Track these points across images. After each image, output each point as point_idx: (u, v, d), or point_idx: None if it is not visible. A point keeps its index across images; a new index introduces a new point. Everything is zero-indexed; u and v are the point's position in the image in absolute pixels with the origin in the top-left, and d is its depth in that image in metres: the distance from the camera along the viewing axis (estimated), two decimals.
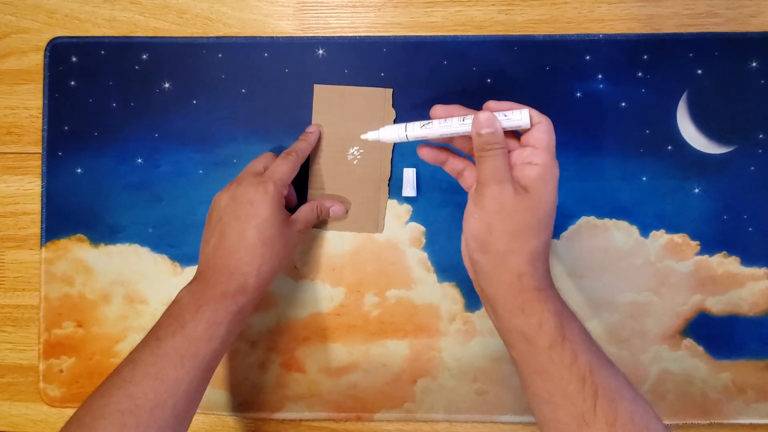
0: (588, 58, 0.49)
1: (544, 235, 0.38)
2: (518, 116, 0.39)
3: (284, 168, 0.45)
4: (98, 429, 0.36)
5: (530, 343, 0.37)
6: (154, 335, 0.40)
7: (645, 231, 0.49)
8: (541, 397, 0.36)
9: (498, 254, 0.38)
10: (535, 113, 0.39)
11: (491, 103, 0.40)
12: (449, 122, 0.41)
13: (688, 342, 0.49)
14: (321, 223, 0.50)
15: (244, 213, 0.43)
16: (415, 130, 0.42)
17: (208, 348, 0.40)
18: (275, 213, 0.44)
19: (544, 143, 0.38)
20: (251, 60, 0.50)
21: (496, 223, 0.38)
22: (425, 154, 0.43)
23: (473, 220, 0.39)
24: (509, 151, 0.39)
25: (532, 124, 0.39)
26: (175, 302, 0.41)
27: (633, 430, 0.33)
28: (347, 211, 0.50)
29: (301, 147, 0.48)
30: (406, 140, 0.42)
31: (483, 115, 0.39)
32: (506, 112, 0.39)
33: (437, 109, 0.41)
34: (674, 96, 0.49)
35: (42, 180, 0.52)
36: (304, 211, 0.47)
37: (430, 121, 0.41)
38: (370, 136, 0.43)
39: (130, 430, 0.36)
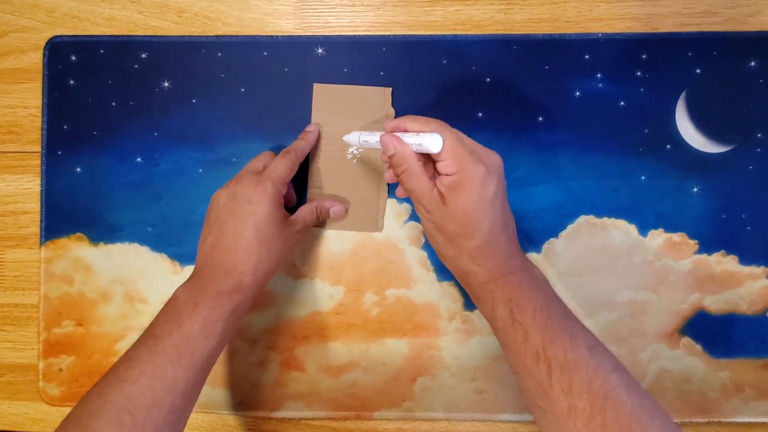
0: (587, 57, 0.49)
1: (478, 236, 0.40)
2: (428, 140, 0.39)
3: (283, 167, 0.45)
4: (95, 428, 0.36)
5: (493, 325, 0.41)
6: (150, 334, 0.40)
7: (644, 230, 0.49)
8: (513, 369, 0.41)
9: (446, 258, 0.42)
10: (445, 131, 0.39)
11: (400, 121, 0.42)
12: (376, 137, 0.43)
13: (687, 341, 0.49)
14: (321, 222, 0.50)
15: (242, 211, 0.43)
16: (364, 138, 0.44)
17: (205, 346, 0.40)
18: (273, 212, 0.44)
19: (450, 153, 0.39)
20: (251, 59, 0.50)
21: (435, 236, 0.41)
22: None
23: (424, 229, 0.44)
24: (435, 162, 0.40)
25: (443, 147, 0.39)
26: (172, 300, 0.41)
27: (590, 398, 0.35)
28: (347, 211, 0.50)
29: (300, 146, 0.48)
30: (359, 145, 0.46)
31: (384, 137, 0.41)
32: (418, 135, 0.40)
33: (387, 123, 0.42)
34: (673, 95, 0.49)
35: (41, 179, 0.52)
36: (304, 212, 0.47)
37: (377, 132, 0.43)
38: (345, 138, 0.47)
39: (126, 429, 0.36)
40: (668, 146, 0.49)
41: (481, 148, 0.41)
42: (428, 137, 0.39)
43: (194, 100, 0.51)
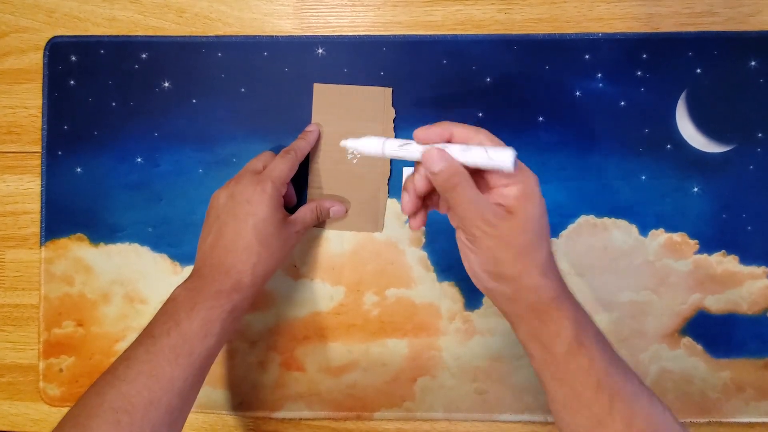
0: (587, 57, 0.49)
1: (545, 244, 0.37)
2: (500, 157, 0.35)
3: (283, 167, 0.45)
4: (92, 427, 0.36)
5: (549, 351, 0.37)
6: (148, 333, 0.40)
7: (644, 230, 0.49)
8: (561, 403, 0.37)
9: (511, 280, 0.37)
10: (492, 137, 0.37)
11: (441, 128, 0.37)
12: (412, 149, 0.38)
13: (687, 341, 0.49)
14: (321, 222, 0.50)
15: (241, 211, 0.43)
16: (393, 149, 0.39)
17: (203, 346, 0.40)
18: (273, 212, 0.44)
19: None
20: (251, 59, 0.50)
21: (498, 254, 0.37)
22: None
23: (473, 257, 0.38)
24: (481, 171, 0.37)
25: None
26: (171, 300, 0.41)
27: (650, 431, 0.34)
28: (347, 211, 0.50)
29: (300, 146, 0.48)
30: (382, 156, 0.39)
31: (432, 152, 0.36)
32: (486, 149, 0.36)
33: (418, 133, 0.38)
34: (673, 95, 0.49)
35: (42, 179, 0.52)
36: (304, 212, 0.47)
37: (409, 141, 0.38)
38: (349, 144, 0.40)
39: (124, 429, 0.36)
40: (669, 146, 0.49)
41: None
42: (500, 153, 0.35)
43: (194, 101, 0.51)
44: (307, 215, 0.48)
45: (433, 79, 0.50)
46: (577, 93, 0.49)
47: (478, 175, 0.37)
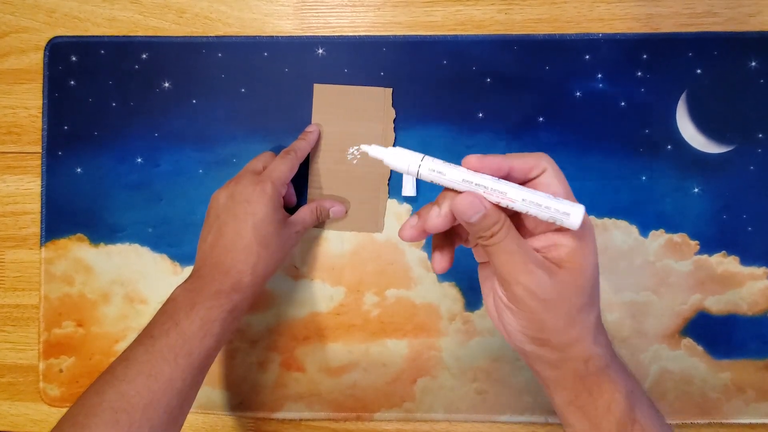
0: (587, 57, 0.49)
1: (597, 303, 0.32)
2: (569, 211, 0.29)
3: (283, 167, 0.45)
4: (91, 427, 0.36)
5: (596, 426, 0.33)
6: (148, 333, 0.40)
7: (644, 230, 0.49)
8: None
9: (557, 347, 0.32)
10: (551, 165, 0.31)
11: (500, 160, 0.31)
12: (478, 179, 0.31)
13: (688, 341, 0.49)
14: (321, 223, 0.50)
15: (241, 211, 0.43)
16: (429, 172, 0.32)
17: (202, 346, 0.40)
18: (273, 212, 0.44)
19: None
20: (251, 59, 0.50)
21: (545, 318, 0.31)
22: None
23: (511, 318, 0.33)
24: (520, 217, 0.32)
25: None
26: (170, 300, 0.41)
27: None
28: (347, 211, 0.50)
29: (300, 146, 0.48)
30: (416, 175, 0.33)
31: (464, 200, 0.30)
32: (556, 199, 0.29)
33: (471, 160, 0.31)
34: (673, 95, 0.49)
35: (42, 179, 0.52)
36: (304, 213, 0.47)
37: (447, 165, 0.32)
38: (373, 151, 0.34)
39: (123, 428, 0.36)
40: (669, 146, 0.49)
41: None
42: (569, 207, 0.29)
43: (194, 101, 0.51)
44: (307, 215, 0.48)
45: (433, 79, 0.50)
46: (577, 93, 0.49)
47: (516, 213, 0.32)
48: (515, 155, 0.31)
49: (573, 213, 0.29)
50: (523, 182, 0.32)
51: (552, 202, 0.29)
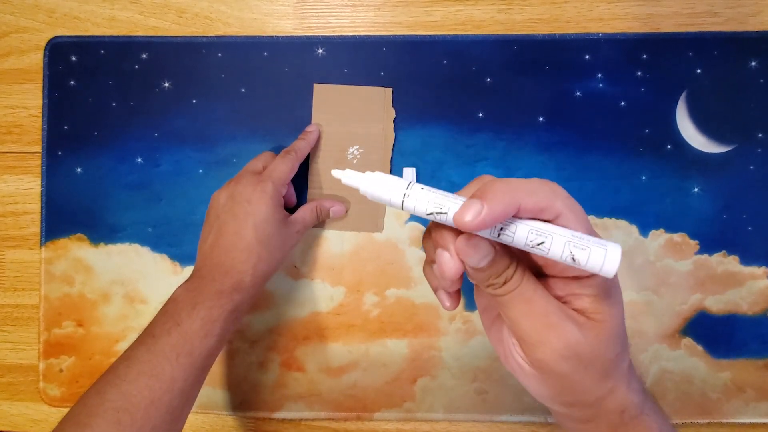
0: (587, 57, 0.49)
1: (628, 347, 0.29)
2: (601, 256, 0.23)
3: (283, 167, 0.45)
4: (93, 426, 0.36)
5: None
6: (149, 333, 0.40)
7: (644, 230, 0.49)
8: None
9: (591, 405, 0.29)
10: (566, 200, 0.25)
11: (503, 194, 0.25)
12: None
13: (688, 341, 0.49)
14: (321, 222, 0.50)
15: (241, 211, 0.43)
16: (422, 209, 0.26)
17: (204, 346, 0.40)
18: (273, 212, 0.44)
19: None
20: (251, 59, 0.50)
21: (577, 378, 0.27)
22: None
23: (536, 384, 0.29)
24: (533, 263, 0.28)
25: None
26: (171, 300, 0.42)
27: None
28: (347, 211, 0.50)
29: (300, 146, 0.48)
30: (400, 208, 0.27)
31: (463, 243, 0.25)
32: (588, 239, 0.24)
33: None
34: (673, 95, 0.49)
35: (42, 179, 0.52)
36: (304, 212, 0.47)
37: (447, 197, 0.26)
38: (347, 179, 0.28)
39: (124, 428, 0.36)
40: (669, 146, 0.49)
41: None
42: (603, 248, 0.23)
43: (194, 101, 0.51)
44: (307, 215, 0.48)
45: (433, 79, 0.50)
46: (577, 93, 0.49)
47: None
48: (521, 189, 0.25)
49: (610, 261, 0.23)
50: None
51: (579, 239, 0.23)
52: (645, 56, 0.49)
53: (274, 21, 0.51)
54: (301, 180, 0.50)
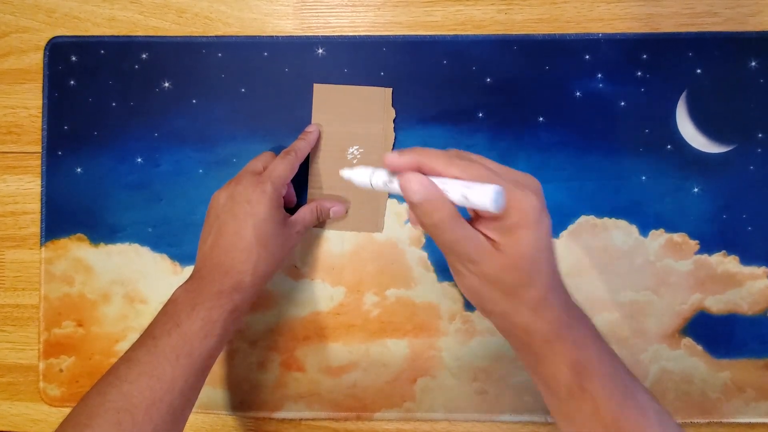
0: (587, 57, 0.49)
1: (540, 282, 0.34)
2: (483, 195, 0.30)
3: (283, 167, 0.45)
4: (93, 427, 0.36)
5: (552, 392, 0.36)
6: (149, 334, 0.40)
7: (644, 230, 0.49)
8: None
9: (499, 316, 0.35)
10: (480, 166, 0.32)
11: (417, 156, 0.33)
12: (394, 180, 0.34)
13: (688, 341, 0.49)
14: (321, 222, 0.50)
15: (241, 212, 0.43)
16: (378, 182, 0.35)
17: (204, 346, 0.40)
18: (273, 212, 0.44)
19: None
20: (251, 59, 0.50)
21: (482, 290, 0.34)
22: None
23: (461, 287, 0.36)
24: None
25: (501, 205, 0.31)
26: (171, 301, 0.41)
27: None
28: (347, 211, 0.50)
29: (300, 146, 0.48)
30: (369, 186, 0.36)
31: (409, 179, 0.32)
32: (468, 186, 0.31)
33: (388, 161, 0.33)
34: (673, 95, 0.49)
35: (42, 179, 0.52)
36: (304, 213, 0.47)
37: (392, 176, 0.34)
38: (346, 174, 0.37)
39: (125, 429, 0.36)
40: (669, 146, 0.49)
41: (519, 174, 0.34)
42: (483, 191, 0.30)
43: (194, 101, 0.51)
44: (307, 215, 0.48)
45: (433, 79, 0.50)
46: (577, 93, 0.49)
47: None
48: (424, 152, 0.33)
49: (484, 196, 0.30)
50: None
51: (464, 188, 0.31)
52: (645, 56, 0.49)
53: (274, 21, 0.51)
54: (301, 180, 0.50)
